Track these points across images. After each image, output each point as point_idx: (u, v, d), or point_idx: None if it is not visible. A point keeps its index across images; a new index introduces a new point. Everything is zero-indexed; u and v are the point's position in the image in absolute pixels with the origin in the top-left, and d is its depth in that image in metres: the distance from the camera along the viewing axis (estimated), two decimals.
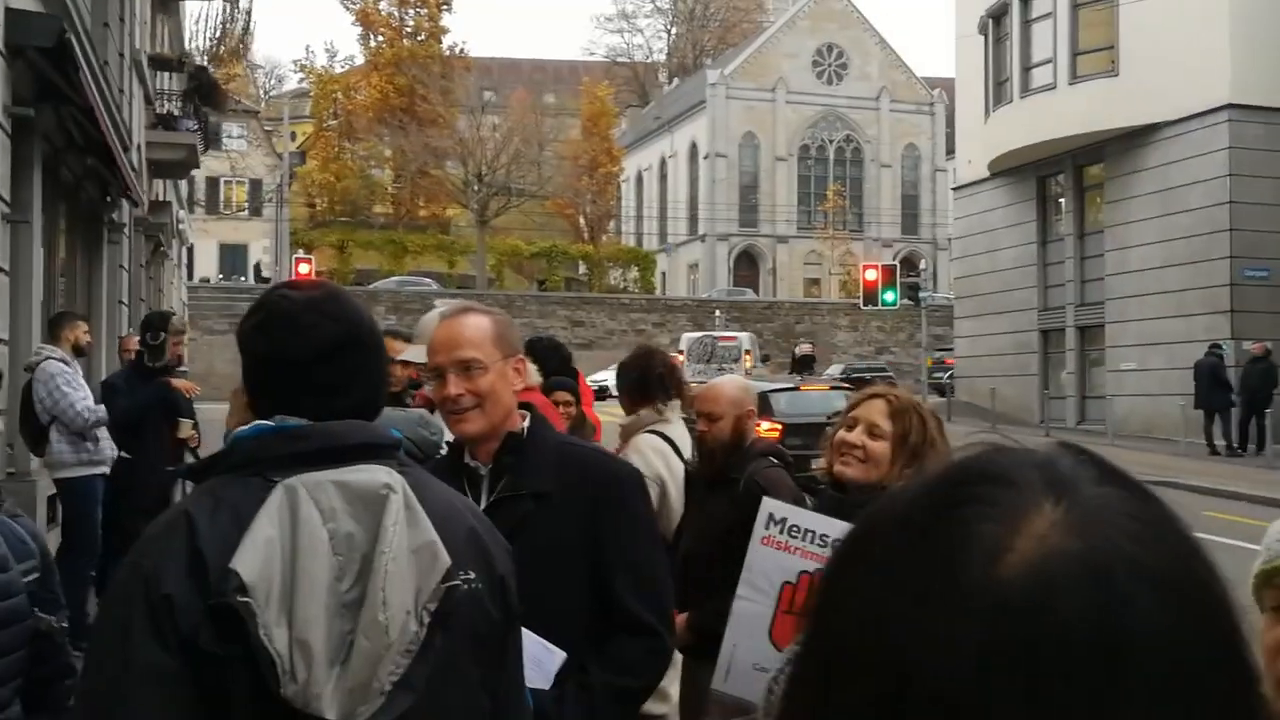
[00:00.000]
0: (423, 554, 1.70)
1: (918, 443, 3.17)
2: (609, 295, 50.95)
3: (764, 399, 14.86)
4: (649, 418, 4.86)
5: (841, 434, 3.27)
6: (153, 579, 1.64)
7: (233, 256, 56.60)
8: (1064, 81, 26.09)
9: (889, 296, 27.60)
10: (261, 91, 70.02)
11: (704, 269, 65.58)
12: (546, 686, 2.34)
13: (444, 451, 3.18)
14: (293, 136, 60.83)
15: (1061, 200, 28.02)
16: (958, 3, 31.59)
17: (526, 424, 2.59)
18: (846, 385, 17.16)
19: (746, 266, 65.89)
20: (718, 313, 46.46)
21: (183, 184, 34.45)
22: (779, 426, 13.25)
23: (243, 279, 51.85)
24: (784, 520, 3.15)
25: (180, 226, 27.22)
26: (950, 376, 32.23)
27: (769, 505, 3.21)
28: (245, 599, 1.60)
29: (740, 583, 3.20)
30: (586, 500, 2.50)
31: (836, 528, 3.08)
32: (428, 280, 48.73)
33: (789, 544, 3.12)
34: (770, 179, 66.31)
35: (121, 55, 14.33)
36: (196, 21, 32.60)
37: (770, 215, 65.64)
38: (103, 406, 7.24)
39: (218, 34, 22.59)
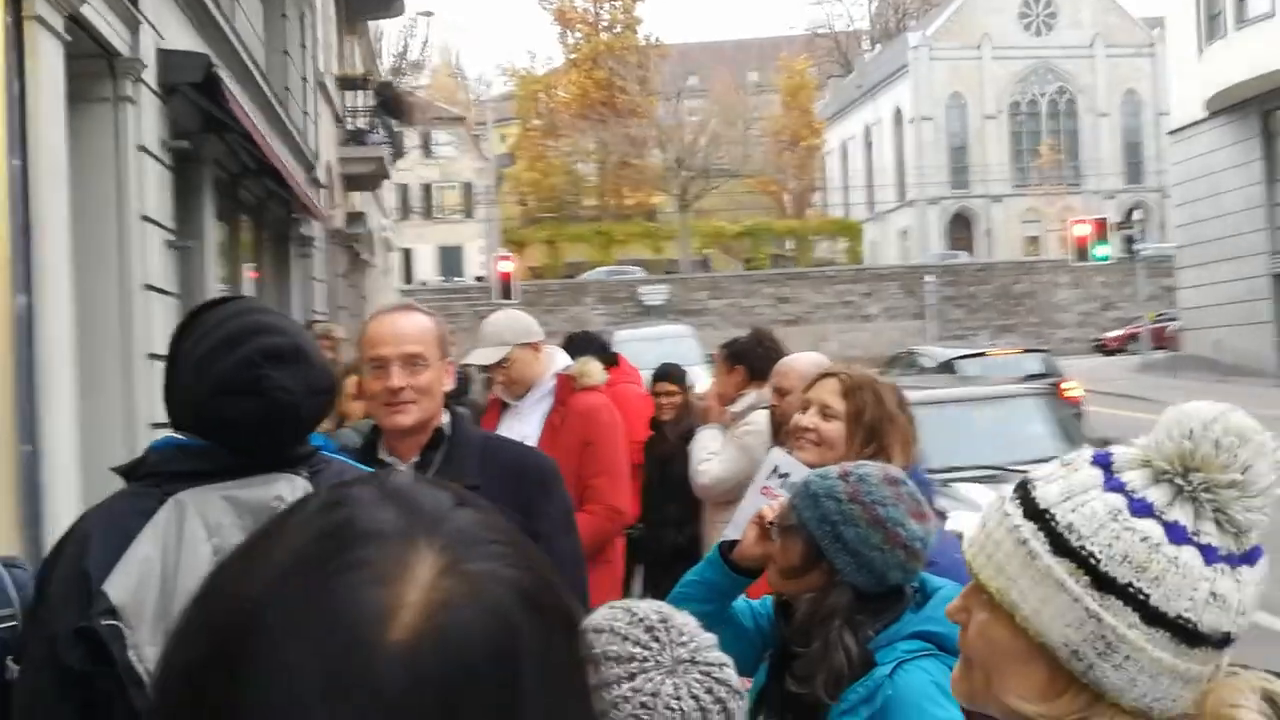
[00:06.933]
0: None
1: (874, 420, 3.03)
2: (813, 269, 50.25)
3: (948, 366, 14.51)
4: (764, 398, 4.78)
5: (796, 417, 3.16)
6: (46, 601, 1.68)
7: (450, 258, 58.90)
8: None
9: (1101, 251, 26.26)
10: (472, 98, 72.45)
11: (915, 234, 63.96)
12: None
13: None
14: (501, 139, 62.75)
15: None
16: None
17: (447, 420, 2.69)
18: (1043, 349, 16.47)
19: (961, 229, 63.89)
20: (928, 278, 45.12)
21: (392, 192, 36.07)
22: None
23: (458, 279, 53.92)
24: (786, 476, 3.08)
25: (385, 234, 28.44)
26: (1176, 328, 30.48)
27: (776, 457, 3.17)
28: (112, 622, 1.58)
29: (730, 525, 3.15)
30: (513, 492, 2.56)
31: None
32: (634, 269, 49.42)
33: (777, 494, 3.10)
34: (980, 139, 64.05)
35: (304, 79, 15.12)
36: (377, 40, 33.88)
37: (982, 175, 63.42)
38: None
39: (400, 49, 23.53)
